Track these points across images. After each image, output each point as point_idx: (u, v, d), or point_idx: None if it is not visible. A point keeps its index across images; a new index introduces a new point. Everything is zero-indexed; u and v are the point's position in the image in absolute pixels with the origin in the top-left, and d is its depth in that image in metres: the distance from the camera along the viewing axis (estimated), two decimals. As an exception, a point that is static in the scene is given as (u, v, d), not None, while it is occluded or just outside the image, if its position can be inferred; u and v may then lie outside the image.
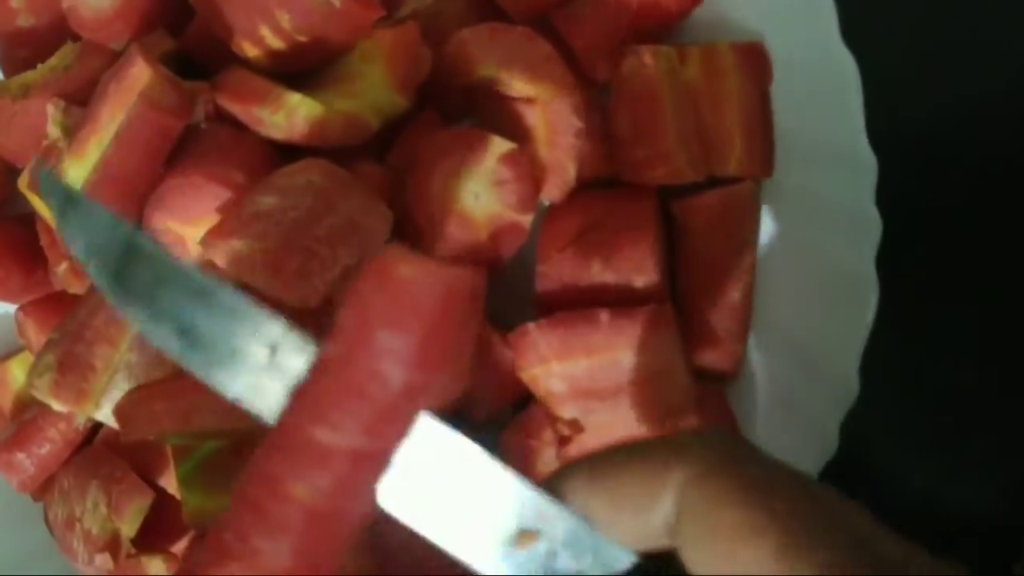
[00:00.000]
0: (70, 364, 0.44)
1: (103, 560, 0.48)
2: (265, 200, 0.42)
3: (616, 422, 0.45)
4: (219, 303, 0.30)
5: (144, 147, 0.43)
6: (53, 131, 0.47)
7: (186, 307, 0.30)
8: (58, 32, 0.51)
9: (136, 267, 0.30)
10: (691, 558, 0.26)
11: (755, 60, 0.47)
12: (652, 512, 0.26)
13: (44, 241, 0.50)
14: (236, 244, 0.41)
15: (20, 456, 0.51)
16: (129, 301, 0.30)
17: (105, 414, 0.46)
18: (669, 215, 0.48)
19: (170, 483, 0.50)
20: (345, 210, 0.43)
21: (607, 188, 0.48)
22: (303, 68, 0.48)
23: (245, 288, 0.44)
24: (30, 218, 0.52)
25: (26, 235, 0.52)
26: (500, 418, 0.48)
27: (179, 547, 0.53)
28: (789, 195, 0.48)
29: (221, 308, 0.30)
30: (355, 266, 0.42)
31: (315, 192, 0.43)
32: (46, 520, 0.53)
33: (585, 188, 0.47)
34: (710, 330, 0.48)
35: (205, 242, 0.42)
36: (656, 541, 0.27)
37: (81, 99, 0.48)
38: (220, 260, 0.42)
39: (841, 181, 0.47)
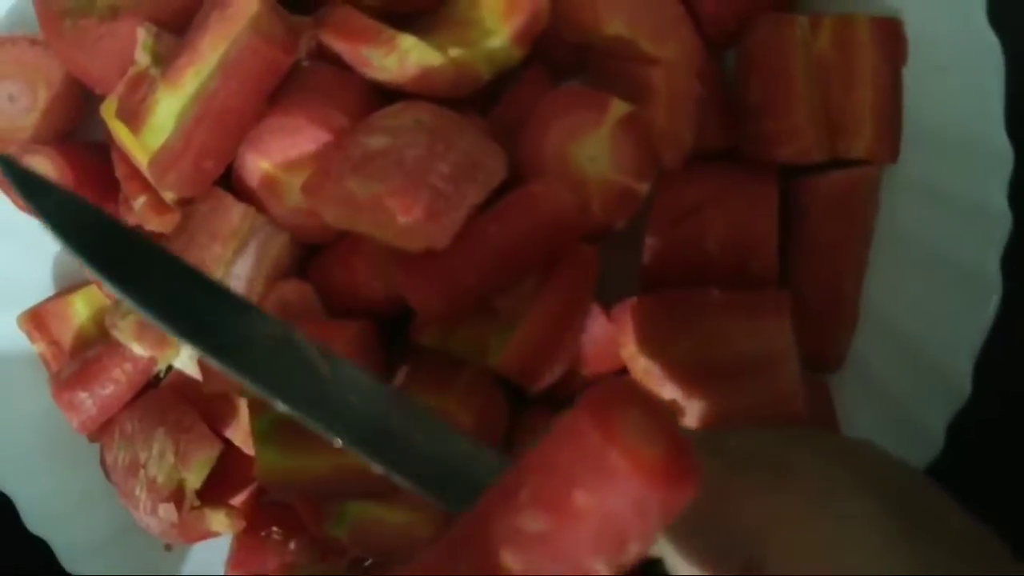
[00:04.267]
0: (155, 306, 0.41)
1: (167, 511, 0.46)
2: (374, 141, 0.40)
3: (718, 408, 0.43)
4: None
5: (251, 81, 0.40)
6: (143, 58, 0.44)
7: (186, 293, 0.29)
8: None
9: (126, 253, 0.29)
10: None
11: (891, 36, 0.44)
12: None
13: (120, 172, 0.48)
14: (351, 186, 0.39)
15: (83, 395, 0.49)
16: (126, 286, 0.29)
17: (183, 361, 0.44)
18: (784, 194, 0.46)
19: (236, 435, 0.49)
20: (463, 147, 0.40)
21: (725, 162, 0.45)
22: (409, 9, 0.45)
23: (354, 234, 0.42)
24: (104, 147, 0.49)
25: (100, 164, 0.49)
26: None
27: (238, 500, 0.51)
28: (912, 183, 0.45)
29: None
30: (481, 205, 0.40)
31: (429, 131, 0.40)
32: (102, 463, 0.51)
33: (701, 160, 0.45)
34: (818, 318, 0.45)
35: (308, 188, 0.40)
36: None
37: (173, 26, 0.45)
38: (326, 207, 0.40)
39: (972, 172, 0.44)
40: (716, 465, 0.28)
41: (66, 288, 0.52)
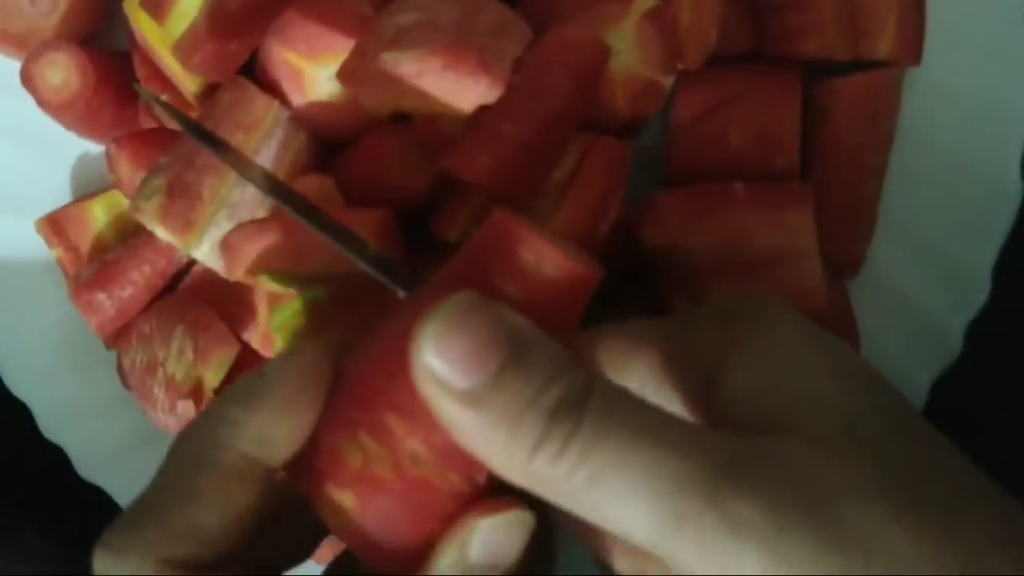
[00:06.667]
0: (179, 190, 0.42)
1: (185, 407, 0.46)
2: (404, 18, 0.40)
3: (740, 303, 0.43)
4: None
5: (277, -38, 0.40)
6: (166, -49, 0.44)
7: None
8: None
9: None
10: None
11: (916, -63, 0.44)
12: None
13: (142, 74, 0.48)
14: (391, 59, 0.39)
15: (101, 296, 0.49)
16: None
17: (204, 252, 0.44)
18: (806, 97, 0.46)
19: (253, 337, 0.48)
20: (491, 11, 0.40)
21: (748, 62, 0.45)
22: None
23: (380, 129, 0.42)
24: (125, 55, 0.49)
25: (121, 68, 0.49)
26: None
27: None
28: (933, 85, 0.45)
29: None
30: (522, 57, 0.40)
31: (455, 1, 0.40)
32: (119, 369, 0.51)
33: (724, 60, 0.45)
34: (837, 221, 0.45)
35: (344, 73, 0.40)
36: None
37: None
38: (365, 90, 0.40)
39: (994, 74, 0.44)
40: (674, 321, 0.31)
41: (85, 195, 0.52)
